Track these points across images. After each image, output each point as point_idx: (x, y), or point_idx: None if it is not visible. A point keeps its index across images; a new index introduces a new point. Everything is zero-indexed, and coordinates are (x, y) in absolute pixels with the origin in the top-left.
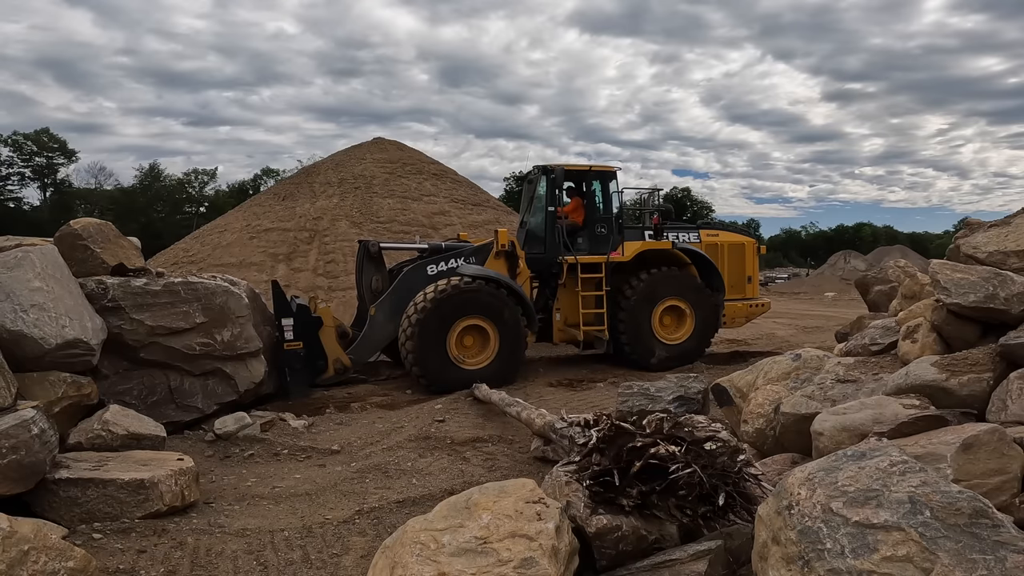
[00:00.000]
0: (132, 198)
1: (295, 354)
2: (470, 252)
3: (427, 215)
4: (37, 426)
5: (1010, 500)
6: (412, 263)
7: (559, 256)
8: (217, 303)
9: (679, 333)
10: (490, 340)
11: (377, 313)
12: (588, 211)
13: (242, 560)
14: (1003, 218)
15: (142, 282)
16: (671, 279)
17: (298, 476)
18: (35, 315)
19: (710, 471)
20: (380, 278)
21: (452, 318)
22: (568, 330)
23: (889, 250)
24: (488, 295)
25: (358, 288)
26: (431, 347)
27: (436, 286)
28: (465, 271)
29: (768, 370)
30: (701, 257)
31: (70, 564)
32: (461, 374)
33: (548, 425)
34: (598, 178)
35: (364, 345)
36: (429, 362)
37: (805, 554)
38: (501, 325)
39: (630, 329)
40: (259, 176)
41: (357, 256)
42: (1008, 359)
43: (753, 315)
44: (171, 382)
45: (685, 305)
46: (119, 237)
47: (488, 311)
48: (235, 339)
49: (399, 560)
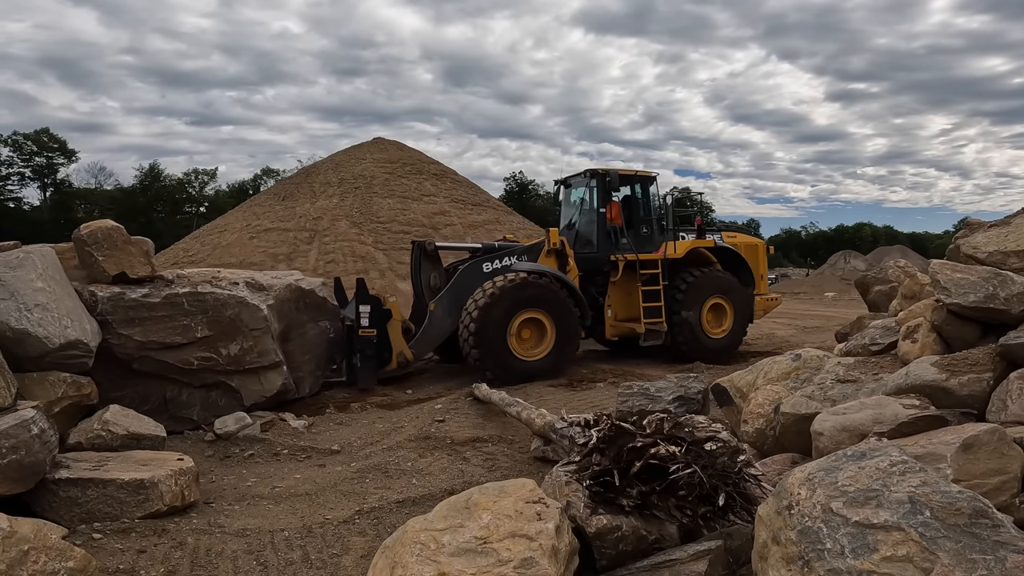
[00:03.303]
0: (132, 198)
1: (368, 341)
2: (522, 251)
3: (427, 215)
4: (37, 426)
5: (1010, 500)
6: (465, 262)
7: (610, 255)
8: (227, 316)
9: (721, 328)
10: (547, 333)
11: (437, 309)
12: (632, 213)
13: (242, 560)
14: (1003, 218)
15: (140, 293)
16: (716, 277)
17: (298, 476)
18: (39, 314)
19: (710, 471)
20: (437, 275)
21: (512, 311)
22: (620, 325)
23: (889, 250)
24: (546, 290)
25: (414, 286)
26: (493, 339)
27: (496, 281)
28: (521, 267)
29: (768, 370)
30: (736, 255)
31: (70, 564)
32: (521, 365)
33: (548, 425)
34: (640, 182)
35: (424, 339)
36: (491, 354)
37: (805, 554)
38: (558, 319)
39: (684, 324)
40: (259, 176)
41: (412, 256)
42: (1008, 359)
43: (770, 308)
44: (167, 392)
45: (726, 301)
46: (127, 243)
47: (546, 305)
48: (244, 353)
49: (399, 560)
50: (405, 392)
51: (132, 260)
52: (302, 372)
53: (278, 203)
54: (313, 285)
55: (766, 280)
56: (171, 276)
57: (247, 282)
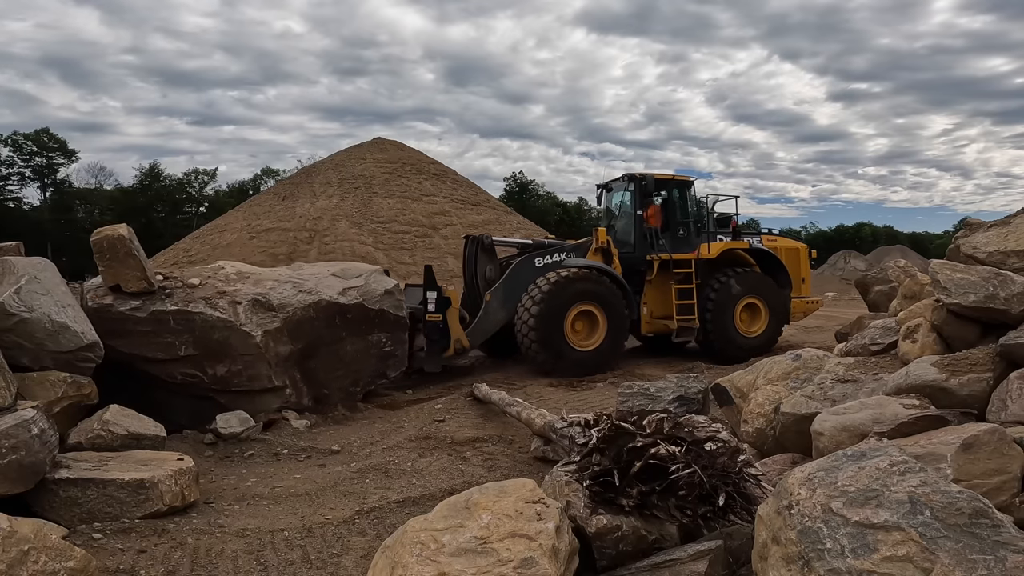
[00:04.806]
0: (132, 198)
1: (435, 326)
2: (571, 248)
3: (427, 215)
4: (37, 426)
5: (1010, 500)
6: (516, 257)
7: (647, 255)
8: (214, 338)
9: (756, 327)
10: (599, 325)
11: (492, 300)
12: (669, 215)
13: (242, 560)
14: (1003, 218)
15: (129, 306)
16: (750, 278)
17: (298, 476)
18: (72, 312)
19: (710, 471)
20: (493, 268)
21: (569, 303)
22: (655, 322)
23: (889, 250)
24: (599, 284)
25: (468, 278)
26: (550, 330)
27: (552, 275)
28: (575, 263)
29: (768, 370)
30: (772, 257)
31: (70, 564)
32: (576, 355)
33: (548, 425)
34: (677, 186)
35: (480, 328)
36: (549, 343)
37: (805, 554)
38: (609, 312)
39: (716, 323)
40: (259, 176)
41: (467, 249)
42: (1008, 359)
43: (810, 311)
44: (156, 397)
45: (761, 302)
46: (128, 255)
47: (599, 298)
48: (232, 376)
49: (399, 560)
50: (405, 392)
51: (128, 274)
52: (329, 389)
53: (278, 203)
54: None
55: (808, 283)
56: (172, 287)
57: (255, 300)
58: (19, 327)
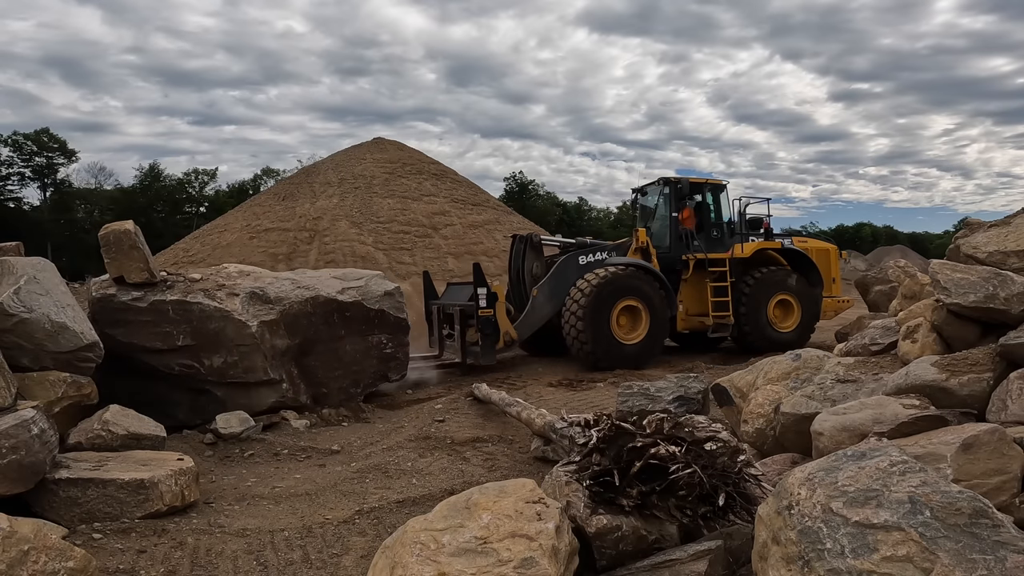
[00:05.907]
0: (132, 198)
1: (488, 320)
2: (612, 247)
3: (427, 215)
4: (37, 426)
5: (1010, 500)
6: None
7: (682, 255)
8: (210, 328)
9: (789, 323)
10: (642, 320)
11: (539, 295)
12: (703, 217)
13: (242, 560)
14: (1003, 218)
15: (130, 296)
16: (781, 276)
17: (298, 476)
18: (71, 313)
19: (710, 471)
20: (539, 265)
21: (614, 299)
22: (690, 319)
23: (889, 250)
24: (643, 281)
25: (513, 274)
26: (597, 325)
27: (600, 271)
28: (620, 261)
29: (768, 370)
30: (803, 257)
31: (70, 564)
32: (621, 350)
33: (548, 425)
34: (711, 190)
35: (527, 322)
36: (596, 338)
37: (805, 554)
38: (652, 308)
39: (750, 319)
40: (259, 176)
41: (514, 247)
42: (1008, 359)
43: (841, 309)
44: (156, 390)
45: (793, 299)
46: (132, 248)
47: (642, 295)
48: (228, 367)
49: (399, 560)
50: (405, 392)
51: (132, 266)
52: (328, 388)
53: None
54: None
55: (839, 283)
56: (173, 280)
57: (253, 292)
58: (19, 327)
